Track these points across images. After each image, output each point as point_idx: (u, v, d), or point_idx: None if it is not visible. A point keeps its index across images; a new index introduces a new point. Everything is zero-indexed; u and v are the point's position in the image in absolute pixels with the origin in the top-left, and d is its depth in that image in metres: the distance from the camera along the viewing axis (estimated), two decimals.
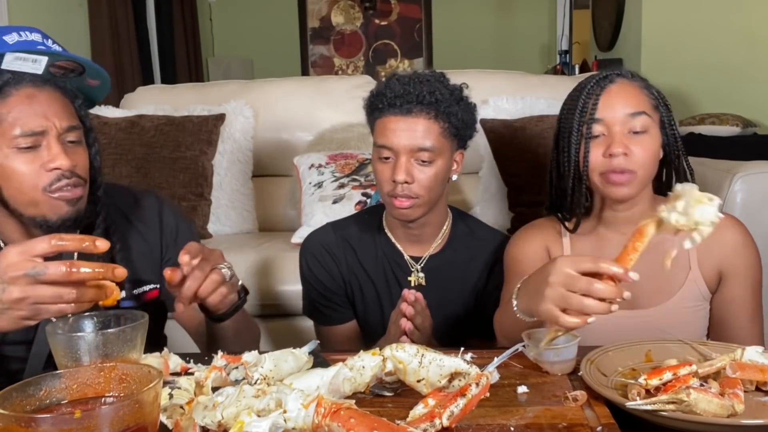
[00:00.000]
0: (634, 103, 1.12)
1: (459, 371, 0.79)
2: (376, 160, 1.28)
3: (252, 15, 5.54)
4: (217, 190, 2.29)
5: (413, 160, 1.23)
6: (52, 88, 1.03)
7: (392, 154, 1.24)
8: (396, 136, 1.22)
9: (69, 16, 3.53)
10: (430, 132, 1.22)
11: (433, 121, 1.23)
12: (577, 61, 4.35)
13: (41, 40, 1.05)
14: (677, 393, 0.74)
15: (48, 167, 1.00)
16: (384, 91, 1.24)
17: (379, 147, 1.26)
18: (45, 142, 1.01)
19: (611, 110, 1.11)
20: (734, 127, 2.75)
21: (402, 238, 1.38)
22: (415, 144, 1.22)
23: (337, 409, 0.66)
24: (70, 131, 1.04)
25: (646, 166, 1.11)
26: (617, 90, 1.13)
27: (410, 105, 1.21)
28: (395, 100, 1.22)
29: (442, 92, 1.23)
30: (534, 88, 2.37)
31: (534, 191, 2.10)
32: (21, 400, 0.62)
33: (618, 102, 1.12)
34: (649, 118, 1.12)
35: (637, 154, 1.10)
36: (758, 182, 1.67)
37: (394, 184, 1.23)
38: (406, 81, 1.24)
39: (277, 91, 2.51)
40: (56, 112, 1.02)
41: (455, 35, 5.52)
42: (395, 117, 1.23)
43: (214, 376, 0.85)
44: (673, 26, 3.24)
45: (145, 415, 0.60)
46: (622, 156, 1.09)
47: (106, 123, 2.31)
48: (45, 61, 1.02)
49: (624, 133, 1.11)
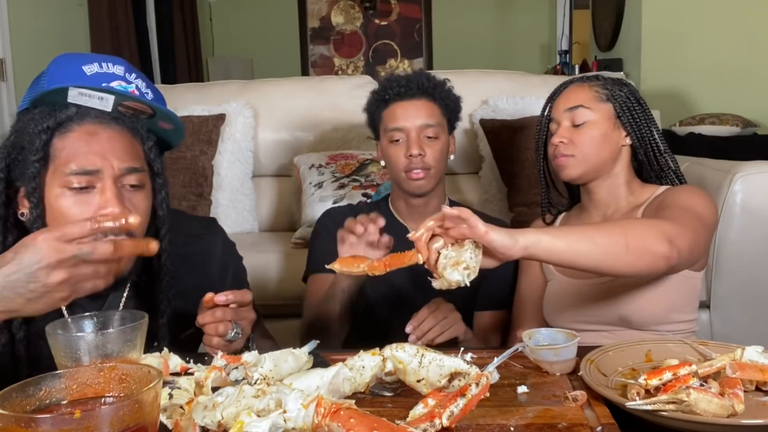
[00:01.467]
0: (572, 100, 1.31)
1: (459, 371, 0.79)
2: (387, 146, 1.45)
3: (252, 15, 5.54)
4: (217, 190, 2.29)
5: (423, 136, 1.42)
6: (119, 126, 0.96)
7: (403, 134, 1.42)
8: (406, 118, 1.42)
9: (69, 16, 3.53)
10: (432, 111, 1.44)
11: (433, 103, 1.45)
12: (577, 61, 4.35)
13: (122, 73, 0.97)
14: (677, 393, 0.74)
15: (98, 214, 0.90)
16: (389, 84, 1.45)
17: (391, 131, 1.43)
18: (99, 185, 0.92)
19: (557, 109, 1.33)
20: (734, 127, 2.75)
21: (408, 218, 1.51)
22: (423, 122, 1.42)
23: (337, 409, 0.66)
24: (131, 173, 0.95)
25: (590, 150, 1.28)
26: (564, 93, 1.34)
27: (413, 91, 1.43)
28: (401, 89, 1.43)
29: (434, 80, 1.47)
30: (534, 88, 2.37)
31: (534, 191, 2.10)
32: (21, 400, 0.62)
33: (561, 102, 1.33)
34: (587, 109, 1.29)
35: (577, 141, 1.28)
36: (758, 182, 1.67)
37: (409, 159, 1.41)
38: (404, 76, 1.45)
39: (277, 91, 2.51)
40: (116, 152, 0.93)
41: (455, 35, 5.52)
42: (403, 102, 1.43)
43: (214, 376, 0.85)
44: (673, 26, 3.24)
45: (145, 415, 0.60)
46: (561, 144, 1.29)
47: None
48: (112, 99, 0.94)
49: (568, 126, 1.30)
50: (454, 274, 0.87)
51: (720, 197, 1.66)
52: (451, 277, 0.88)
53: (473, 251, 0.89)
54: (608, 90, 1.32)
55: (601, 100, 1.31)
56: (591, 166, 1.30)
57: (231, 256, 1.22)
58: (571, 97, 1.32)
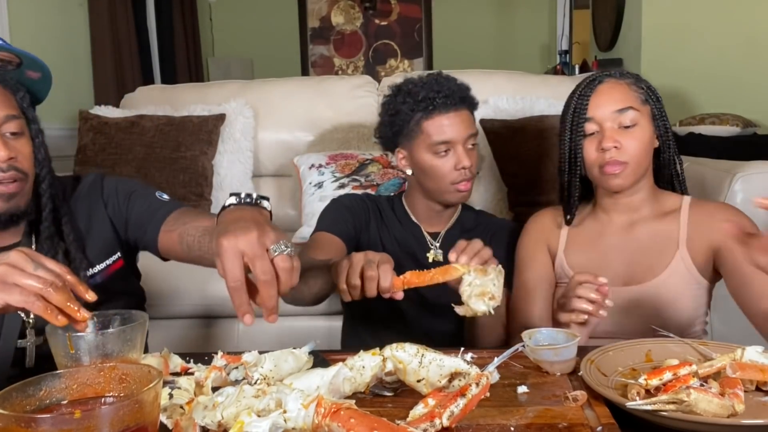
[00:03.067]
0: (620, 99, 1.22)
1: (459, 371, 0.79)
2: (431, 159, 1.39)
3: (252, 15, 5.54)
4: (217, 190, 2.29)
5: (468, 146, 1.40)
6: None
7: (450, 146, 1.38)
8: (453, 131, 1.38)
9: (69, 16, 3.53)
10: (471, 120, 1.43)
11: (468, 112, 1.42)
12: (577, 61, 4.35)
13: None
14: (677, 393, 0.74)
15: None
16: (429, 95, 1.38)
17: (437, 144, 1.38)
18: None
19: (599, 108, 1.22)
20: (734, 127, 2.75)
21: (423, 218, 1.50)
22: (468, 132, 1.40)
23: (337, 409, 0.66)
24: (10, 121, 1.02)
25: (638, 157, 1.21)
26: (605, 89, 1.24)
27: (455, 101, 1.39)
28: (446, 99, 1.38)
29: (465, 87, 1.43)
30: (534, 88, 2.37)
31: (534, 191, 2.10)
32: (21, 400, 0.62)
33: (606, 100, 1.22)
34: (636, 111, 1.21)
35: (627, 146, 1.20)
36: (758, 182, 1.67)
37: (461, 171, 1.38)
38: (435, 83, 1.40)
39: (277, 91, 2.51)
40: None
41: (455, 35, 5.52)
42: (448, 113, 1.38)
43: (214, 376, 0.85)
44: (673, 26, 3.23)
45: (145, 415, 0.60)
46: (613, 149, 1.20)
47: (106, 123, 2.31)
48: None
49: (614, 128, 1.21)
50: (480, 304, 0.93)
51: (720, 197, 1.67)
52: (477, 307, 0.93)
53: (496, 278, 0.91)
54: (644, 90, 1.25)
55: (642, 101, 1.24)
56: (640, 174, 1.23)
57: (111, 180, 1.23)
58: (617, 96, 1.22)
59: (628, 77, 1.26)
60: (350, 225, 1.45)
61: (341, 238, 1.41)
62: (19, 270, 0.79)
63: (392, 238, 1.48)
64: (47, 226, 1.09)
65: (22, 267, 0.80)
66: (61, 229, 1.11)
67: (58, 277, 0.80)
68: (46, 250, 1.08)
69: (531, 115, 2.20)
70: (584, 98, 1.24)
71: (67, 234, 1.11)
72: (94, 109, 2.45)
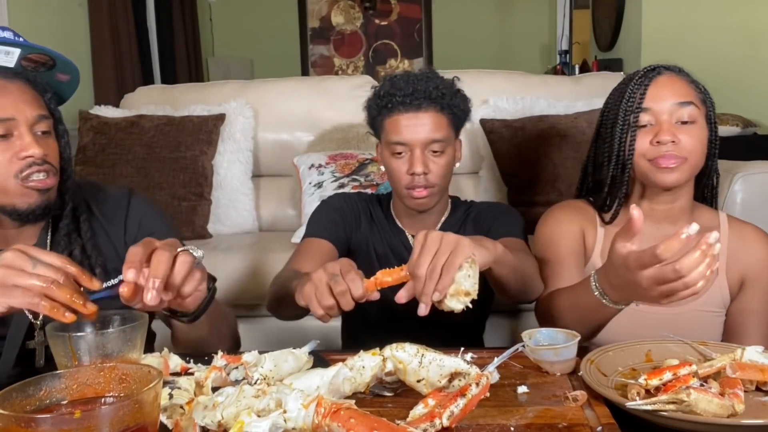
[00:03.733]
0: (682, 93, 1.13)
1: (459, 371, 0.79)
2: (388, 157, 1.32)
3: (252, 15, 5.54)
4: (217, 190, 2.29)
5: (427, 151, 1.29)
6: (22, 81, 1.06)
7: (406, 149, 1.29)
8: (410, 132, 1.28)
9: (69, 16, 3.53)
10: (439, 124, 1.29)
11: (440, 114, 1.29)
12: (577, 61, 4.35)
13: (13, 37, 1.07)
14: (677, 393, 0.74)
15: (20, 156, 1.01)
16: (391, 90, 1.29)
17: (393, 144, 1.30)
18: (17, 132, 1.03)
19: (659, 100, 1.13)
20: (734, 127, 2.75)
21: (407, 223, 1.42)
22: (428, 137, 1.28)
23: (337, 409, 0.66)
24: (41, 121, 1.05)
25: (696, 155, 1.12)
26: (665, 81, 1.15)
27: (419, 101, 1.27)
28: (405, 98, 1.27)
29: (444, 86, 1.30)
30: (534, 88, 2.37)
31: (534, 191, 2.10)
32: (21, 400, 0.62)
33: (666, 92, 1.13)
34: (696, 108, 1.13)
35: (685, 143, 1.11)
36: (758, 182, 1.67)
37: (412, 177, 1.29)
38: (408, 80, 1.29)
39: (277, 91, 2.51)
40: (26, 102, 1.04)
41: (455, 35, 5.52)
42: (407, 114, 1.28)
43: (214, 376, 0.85)
44: (673, 26, 3.24)
45: (145, 415, 0.60)
46: (670, 144, 1.10)
47: (106, 123, 2.31)
48: (18, 53, 1.04)
49: (671, 122, 1.12)
50: (455, 303, 0.90)
51: (720, 197, 1.66)
52: (453, 306, 0.90)
53: (469, 270, 0.89)
54: (702, 91, 1.17)
55: (701, 101, 1.16)
56: (694, 173, 1.14)
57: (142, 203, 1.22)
58: (678, 89, 1.14)
59: (686, 74, 1.18)
60: (340, 228, 1.40)
61: (332, 243, 1.37)
62: (18, 270, 0.79)
63: (382, 239, 1.43)
64: (67, 223, 1.11)
65: (21, 267, 0.80)
66: (79, 226, 1.13)
67: (59, 271, 0.80)
68: (63, 246, 1.10)
69: (531, 115, 2.20)
70: (641, 87, 1.14)
71: (85, 231, 1.13)
72: (94, 109, 2.45)
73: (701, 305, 1.17)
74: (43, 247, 1.08)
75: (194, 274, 0.87)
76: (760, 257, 1.17)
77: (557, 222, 1.27)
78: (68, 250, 1.10)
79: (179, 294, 0.86)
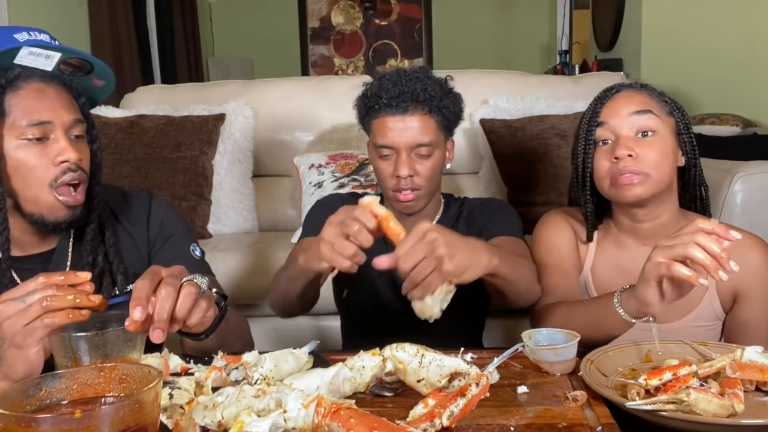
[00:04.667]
0: (638, 103, 1.12)
1: (459, 371, 0.79)
2: (375, 158, 1.31)
3: (252, 15, 5.54)
4: (217, 190, 2.29)
5: (413, 154, 1.27)
6: (59, 84, 1.06)
7: (392, 151, 1.27)
8: (395, 135, 1.26)
9: (69, 16, 3.53)
10: (427, 127, 1.26)
11: (428, 117, 1.26)
12: (577, 61, 4.35)
13: (49, 40, 1.08)
14: (677, 393, 0.74)
15: (56, 161, 1.02)
16: (378, 92, 1.27)
17: (379, 147, 1.28)
18: (53, 136, 1.03)
19: (615, 114, 1.12)
20: (734, 127, 2.75)
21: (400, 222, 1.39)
22: (414, 140, 1.26)
23: (337, 409, 0.66)
24: (76, 125, 1.06)
25: (659, 169, 1.09)
26: (622, 95, 1.15)
27: (406, 104, 1.25)
28: (392, 100, 1.25)
29: (433, 87, 1.27)
30: (534, 88, 2.37)
31: (534, 191, 2.10)
32: (21, 400, 0.62)
33: (622, 105, 1.13)
34: (656, 117, 1.11)
35: (645, 156, 1.09)
36: (758, 182, 1.67)
37: (398, 179, 1.27)
38: (397, 80, 1.27)
39: (277, 91, 2.51)
40: (63, 106, 1.05)
41: (455, 35, 5.53)
42: (393, 116, 1.26)
43: (214, 376, 0.85)
44: (673, 26, 3.24)
45: (145, 415, 0.60)
46: (629, 159, 1.08)
47: (106, 123, 2.31)
48: (57, 57, 1.06)
49: (630, 136, 1.10)
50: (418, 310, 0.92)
51: (720, 197, 1.67)
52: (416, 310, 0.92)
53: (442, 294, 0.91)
54: (668, 103, 1.15)
55: (666, 112, 1.14)
56: (661, 189, 1.11)
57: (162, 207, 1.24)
58: (635, 100, 1.12)
59: (650, 89, 1.16)
60: None
61: None
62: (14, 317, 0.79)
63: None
64: (93, 228, 1.11)
65: (14, 311, 0.79)
66: (103, 232, 1.14)
67: (46, 286, 0.80)
68: (88, 252, 1.10)
69: (531, 115, 2.20)
70: (599, 103, 1.15)
71: (108, 238, 1.14)
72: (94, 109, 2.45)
73: (692, 320, 1.15)
74: (63, 254, 1.10)
75: (200, 305, 0.86)
76: (754, 267, 1.12)
77: (555, 232, 1.26)
78: (92, 255, 1.11)
79: (185, 324, 0.86)
